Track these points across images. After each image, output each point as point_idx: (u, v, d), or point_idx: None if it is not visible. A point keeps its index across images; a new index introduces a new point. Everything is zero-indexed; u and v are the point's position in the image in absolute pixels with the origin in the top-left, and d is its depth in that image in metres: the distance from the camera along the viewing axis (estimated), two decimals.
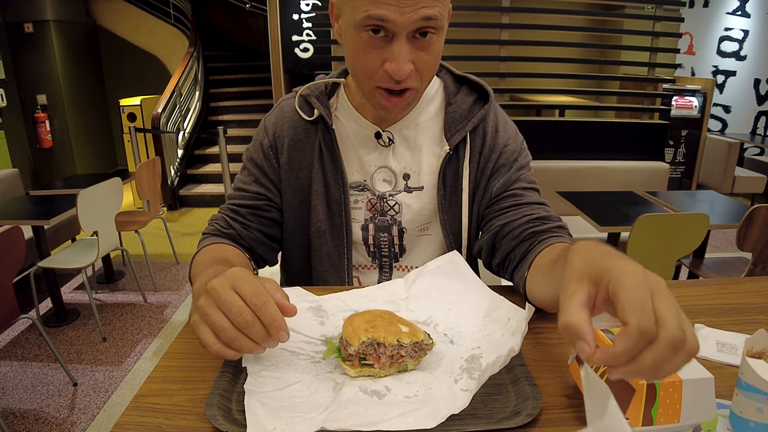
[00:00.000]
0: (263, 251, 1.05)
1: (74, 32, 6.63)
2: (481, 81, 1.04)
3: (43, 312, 3.40)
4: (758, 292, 0.94)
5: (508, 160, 1.01)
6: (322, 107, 1.00)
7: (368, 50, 0.82)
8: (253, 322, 0.58)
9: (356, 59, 0.85)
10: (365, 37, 0.81)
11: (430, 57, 0.84)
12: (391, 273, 1.06)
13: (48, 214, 2.94)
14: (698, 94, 5.03)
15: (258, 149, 1.04)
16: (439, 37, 0.84)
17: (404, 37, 0.79)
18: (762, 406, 0.54)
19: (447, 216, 1.01)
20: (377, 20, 0.77)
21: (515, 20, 3.95)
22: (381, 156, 1.01)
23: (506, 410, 0.60)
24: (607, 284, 0.49)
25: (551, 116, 4.70)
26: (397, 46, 0.80)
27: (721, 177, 5.23)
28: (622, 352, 0.45)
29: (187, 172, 6.21)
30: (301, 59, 4.75)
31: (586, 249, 0.56)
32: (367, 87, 0.87)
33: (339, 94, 1.04)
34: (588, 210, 2.72)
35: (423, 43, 0.82)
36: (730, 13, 5.95)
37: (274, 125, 1.03)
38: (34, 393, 2.56)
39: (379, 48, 0.81)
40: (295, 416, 0.58)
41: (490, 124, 1.02)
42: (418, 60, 0.83)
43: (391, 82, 0.83)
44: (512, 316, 0.77)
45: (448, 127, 1.00)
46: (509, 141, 1.02)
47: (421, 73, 0.85)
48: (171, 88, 5.84)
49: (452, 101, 1.02)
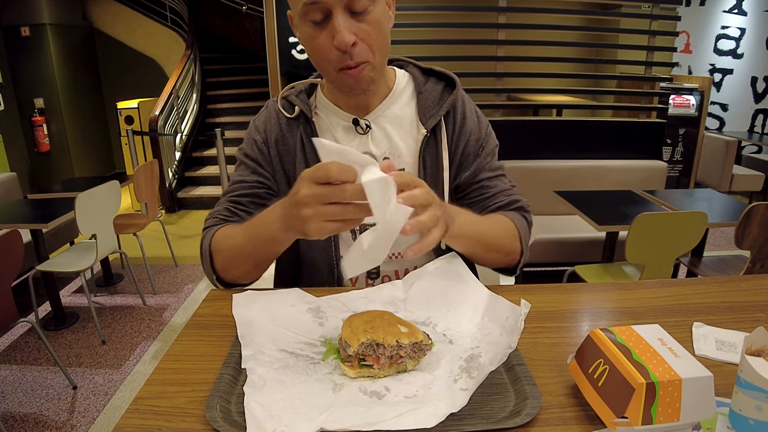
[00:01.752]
0: None
1: (71, 35, 6.63)
2: (446, 71, 1.10)
3: (42, 315, 3.40)
4: (757, 290, 0.95)
5: (475, 148, 1.08)
6: (302, 103, 1.06)
7: (316, 36, 0.88)
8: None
9: (312, 50, 0.91)
10: (310, 25, 0.87)
11: (370, 27, 0.88)
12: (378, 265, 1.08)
13: (46, 217, 2.93)
14: (695, 93, 5.04)
15: (252, 145, 1.08)
16: (377, 7, 0.88)
17: (340, 12, 0.85)
18: (761, 404, 0.54)
19: None
20: (311, 3, 0.84)
21: (512, 20, 3.94)
22: (360, 143, 1.05)
23: (506, 410, 0.60)
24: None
25: (549, 116, 4.69)
26: (335, 20, 0.85)
27: (719, 175, 5.23)
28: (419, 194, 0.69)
29: (184, 174, 6.20)
30: (298, 61, 4.75)
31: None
32: (331, 73, 0.92)
33: (317, 93, 1.10)
34: (586, 209, 2.72)
35: (361, 17, 0.87)
36: (727, 11, 5.97)
37: (264, 123, 1.09)
38: (33, 396, 2.56)
39: (325, 30, 0.87)
40: (294, 417, 0.58)
41: (459, 111, 1.08)
42: (360, 32, 0.87)
43: (346, 58, 0.88)
44: (510, 314, 0.77)
45: (422, 112, 1.05)
46: (473, 128, 1.08)
47: (369, 44, 0.89)
48: (168, 91, 5.83)
49: (422, 90, 1.07)
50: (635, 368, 0.54)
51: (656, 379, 0.53)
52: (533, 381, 0.64)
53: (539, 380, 0.65)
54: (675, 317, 0.83)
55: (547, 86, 4.55)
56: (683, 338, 0.78)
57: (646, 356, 0.57)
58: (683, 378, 0.53)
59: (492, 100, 4.02)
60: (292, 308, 0.81)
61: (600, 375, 0.58)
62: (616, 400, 0.55)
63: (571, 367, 0.65)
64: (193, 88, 6.70)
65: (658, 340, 0.60)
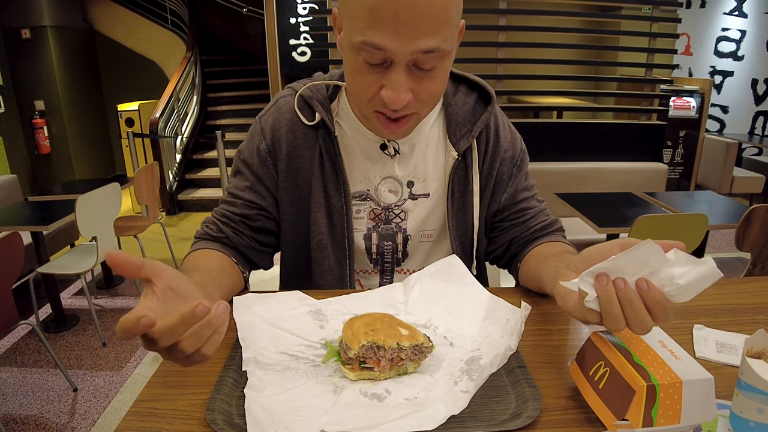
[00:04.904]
0: (256, 257, 1.01)
1: (71, 38, 6.63)
2: (481, 81, 1.00)
3: (42, 318, 3.39)
4: (757, 292, 0.95)
5: (510, 169, 1.02)
6: (325, 112, 0.94)
7: (365, 74, 0.76)
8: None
9: (353, 80, 0.79)
10: (361, 61, 0.75)
11: (432, 84, 0.78)
12: (392, 277, 1.05)
13: (47, 219, 2.93)
14: (696, 95, 5.04)
15: (254, 153, 0.97)
16: (444, 64, 0.78)
17: (403, 66, 0.74)
18: (762, 406, 0.54)
19: (454, 222, 1.00)
20: (374, 48, 0.72)
21: (512, 22, 3.95)
22: (385, 166, 0.97)
23: (506, 412, 0.60)
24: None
25: (549, 118, 4.70)
26: (395, 74, 0.74)
27: (719, 177, 5.23)
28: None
29: (185, 176, 6.20)
30: (298, 63, 4.76)
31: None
32: (365, 110, 0.82)
33: (341, 98, 0.98)
34: (587, 211, 2.72)
35: (424, 73, 0.76)
36: (727, 13, 5.97)
37: (272, 127, 0.97)
38: (34, 399, 2.56)
39: (377, 73, 0.76)
40: (295, 420, 0.58)
41: (492, 129, 1.00)
42: (420, 88, 0.77)
43: (390, 109, 0.78)
44: (510, 316, 0.77)
45: (452, 131, 0.97)
46: (508, 147, 1.02)
47: (422, 100, 0.80)
48: (169, 93, 5.84)
49: (451, 101, 0.98)
50: (636, 371, 0.54)
51: (657, 382, 0.53)
52: (534, 383, 0.64)
53: (540, 382, 0.65)
54: (675, 319, 0.83)
55: (547, 88, 4.55)
56: (684, 340, 0.78)
57: (646, 358, 0.57)
58: (684, 380, 0.53)
59: None
60: (292, 311, 0.81)
61: (601, 377, 0.58)
62: (616, 402, 0.55)
63: (571, 369, 0.65)
64: (193, 91, 6.71)
65: (658, 343, 0.60)
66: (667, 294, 0.56)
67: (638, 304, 0.56)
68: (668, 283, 0.56)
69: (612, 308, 0.57)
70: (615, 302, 0.57)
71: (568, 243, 1.00)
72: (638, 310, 0.56)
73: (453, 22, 0.75)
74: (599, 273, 0.58)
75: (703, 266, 0.54)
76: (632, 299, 0.56)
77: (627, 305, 0.56)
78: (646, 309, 0.56)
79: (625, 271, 0.58)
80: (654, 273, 0.57)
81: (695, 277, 0.54)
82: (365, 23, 0.71)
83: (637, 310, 0.56)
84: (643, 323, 0.56)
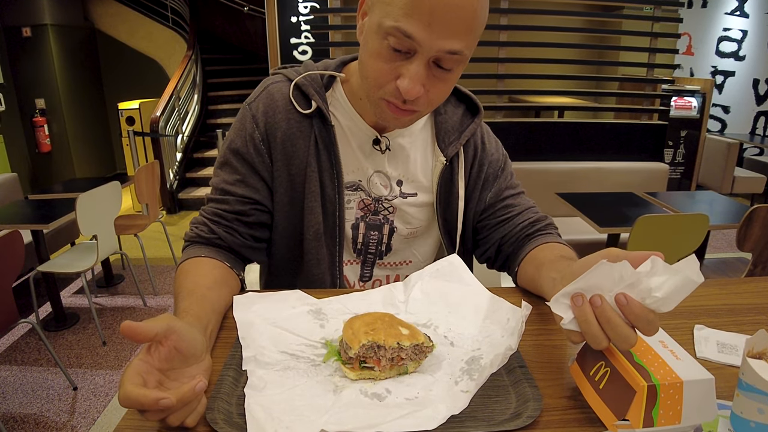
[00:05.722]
0: (250, 254, 1.00)
1: (72, 36, 6.64)
2: (470, 94, 1.06)
3: (42, 316, 3.40)
4: (758, 293, 0.95)
5: (495, 170, 1.07)
6: (321, 101, 0.94)
7: (386, 60, 0.78)
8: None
9: (371, 64, 0.80)
10: (386, 45, 0.76)
11: (444, 86, 0.81)
12: (372, 269, 1.08)
13: (47, 218, 2.93)
14: (697, 95, 5.04)
15: (247, 142, 0.95)
16: (459, 69, 0.81)
17: (424, 60, 0.76)
18: (763, 407, 0.54)
19: (441, 220, 1.05)
20: (404, 35, 0.73)
21: (514, 22, 3.95)
22: (377, 160, 1.00)
23: (507, 412, 0.60)
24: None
25: (550, 117, 4.70)
26: (415, 66, 0.76)
27: (720, 177, 5.23)
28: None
29: (185, 175, 6.21)
30: (299, 62, 4.76)
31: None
32: (374, 95, 0.83)
33: (336, 89, 0.98)
34: (587, 211, 2.72)
35: (441, 72, 0.79)
36: (729, 13, 5.97)
37: (265, 114, 0.95)
38: (34, 397, 2.56)
39: (397, 61, 0.77)
40: (295, 419, 0.58)
41: (478, 137, 1.06)
42: (432, 87, 0.79)
43: (399, 99, 0.80)
44: (511, 316, 0.77)
45: (441, 137, 1.01)
46: (493, 152, 1.08)
47: (431, 100, 0.82)
48: (169, 92, 5.84)
49: (441, 110, 1.03)
50: (636, 371, 0.54)
51: (657, 382, 0.52)
52: (534, 383, 0.64)
53: (540, 382, 0.65)
54: (676, 319, 0.83)
55: (548, 88, 4.55)
56: (684, 341, 0.78)
57: (647, 358, 0.57)
58: (684, 380, 0.53)
59: (494, 101, 4.02)
60: (292, 310, 0.81)
61: (601, 377, 0.58)
62: (617, 402, 0.55)
63: (572, 369, 0.65)
64: (194, 89, 6.71)
65: (659, 343, 0.60)
66: (647, 306, 0.56)
67: (616, 320, 0.56)
68: (647, 295, 0.56)
69: (590, 328, 0.57)
70: (593, 322, 0.57)
71: (564, 242, 1.00)
72: (617, 327, 0.56)
73: (478, 32, 0.78)
74: (575, 294, 0.58)
75: (680, 275, 0.54)
76: (610, 317, 0.56)
77: (605, 323, 0.56)
78: (627, 323, 0.56)
79: (603, 287, 0.58)
80: (634, 285, 0.56)
81: (673, 287, 0.54)
82: (402, 11, 0.73)
83: (616, 327, 0.56)
84: (625, 339, 0.55)
